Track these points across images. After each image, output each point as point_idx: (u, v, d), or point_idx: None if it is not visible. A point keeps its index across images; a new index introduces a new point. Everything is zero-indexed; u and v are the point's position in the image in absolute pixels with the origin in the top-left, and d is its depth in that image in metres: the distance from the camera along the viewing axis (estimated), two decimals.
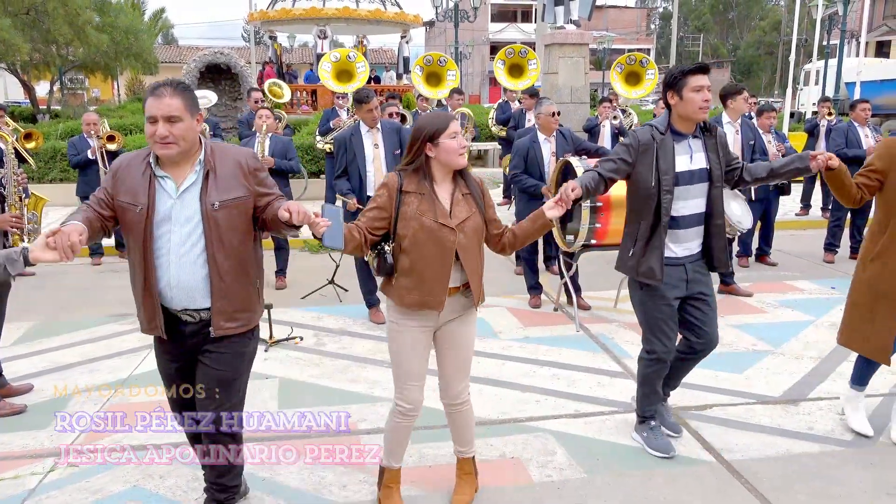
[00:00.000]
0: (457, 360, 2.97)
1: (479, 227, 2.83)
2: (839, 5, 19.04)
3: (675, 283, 3.30)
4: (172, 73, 25.25)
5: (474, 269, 2.82)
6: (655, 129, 3.23)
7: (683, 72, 3.15)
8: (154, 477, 3.30)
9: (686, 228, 3.28)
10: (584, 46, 11.17)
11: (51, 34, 19.14)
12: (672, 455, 3.43)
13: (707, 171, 3.26)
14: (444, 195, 2.81)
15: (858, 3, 21.19)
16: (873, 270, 3.45)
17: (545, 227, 2.90)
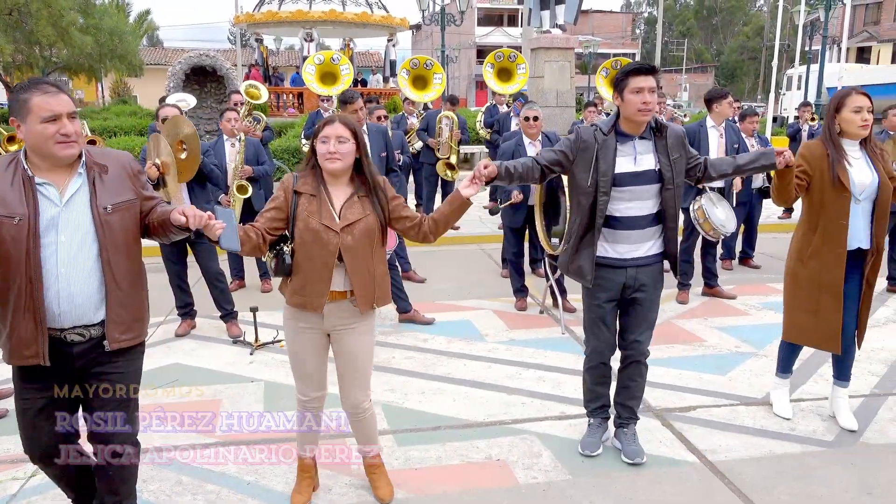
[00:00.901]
0: (349, 369, 2.95)
1: (372, 229, 2.81)
2: (821, 11, 19.26)
3: (609, 285, 3.25)
4: (158, 75, 25.14)
5: (361, 272, 2.81)
6: (599, 129, 3.19)
7: (626, 72, 3.10)
8: (137, 482, 3.26)
9: (630, 230, 3.20)
10: (569, 51, 11.25)
11: (34, 35, 19.01)
12: (590, 454, 3.46)
13: (657, 173, 3.17)
14: (339, 196, 2.81)
15: (840, 9, 21.47)
16: (813, 267, 3.58)
17: (463, 208, 2.87)
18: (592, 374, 3.50)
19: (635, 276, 3.24)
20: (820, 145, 3.56)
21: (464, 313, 5.88)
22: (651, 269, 3.27)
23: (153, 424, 3.85)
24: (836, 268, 3.54)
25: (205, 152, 5.35)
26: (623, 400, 3.52)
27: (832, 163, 3.47)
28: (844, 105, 3.48)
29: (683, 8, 68.22)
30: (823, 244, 3.55)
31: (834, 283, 3.55)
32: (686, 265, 6.27)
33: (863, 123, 3.45)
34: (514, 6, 47.40)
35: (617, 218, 3.18)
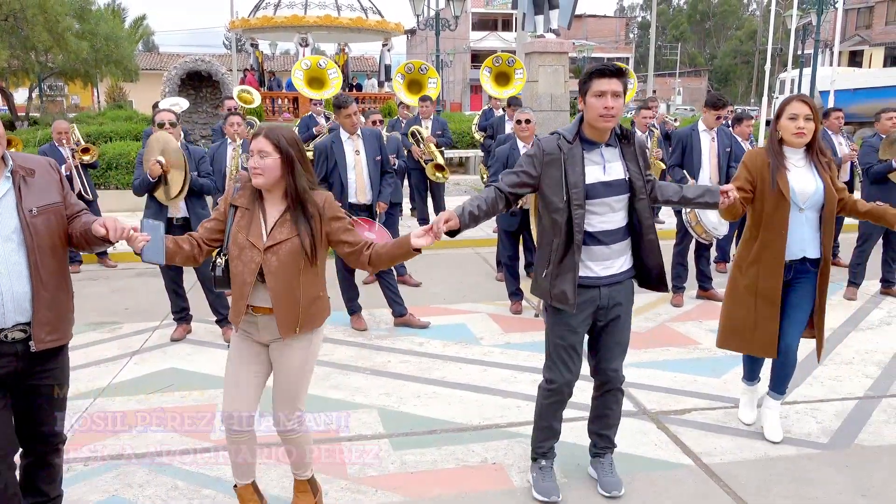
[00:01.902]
0: (280, 388, 2.86)
1: (298, 250, 2.68)
2: (813, 16, 19.37)
3: (585, 307, 2.98)
4: (153, 81, 25.12)
5: (283, 295, 2.68)
6: (563, 137, 2.92)
7: (589, 73, 2.87)
8: (133, 486, 3.27)
9: (608, 245, 2.97)
10: (563, 55, 11.28)
11: (30, 41, 18.97)
12: (555, 500, 3.13)
13: (627, 182, 2.95)
14: (272, 213, 2.74)
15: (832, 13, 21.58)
16: (751, 275, 3.53)
17: (408, 256, 2.72)
18: (554, 409, 3.19)
19: (609, 295, 3.00)
20: (763, 153, 3.51)
21: (459, 317, 5.89)
22: (624, 285, 3.06)
23: (149, 429, 3.85)
24: (772, 276, 3.47)
25: (204, 157, 5.37)
26: (599, 429, 3.29)
27: (772, 170, 3.41)
28: (784, 112, 3.42)
29: (677, 12, 68.53)
30: (762, 252, 3.48)
31: (770, 291, 3.48)
32: (680, 268, 6.30)
33: (797, 131, 3.36)
34: (508, 11, 47.51)
35: (590, 233, 2.93)
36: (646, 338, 5.36)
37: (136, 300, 6.35)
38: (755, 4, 63.54)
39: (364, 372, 4.70)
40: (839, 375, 4.58)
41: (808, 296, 3.55)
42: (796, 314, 3.55)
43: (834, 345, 5.16)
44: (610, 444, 3.31)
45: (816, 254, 3.49)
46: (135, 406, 4.18)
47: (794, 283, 3.53)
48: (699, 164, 6.09)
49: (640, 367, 4.71)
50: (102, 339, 5.38)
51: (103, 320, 5.79)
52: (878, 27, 39.80)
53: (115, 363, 4.88)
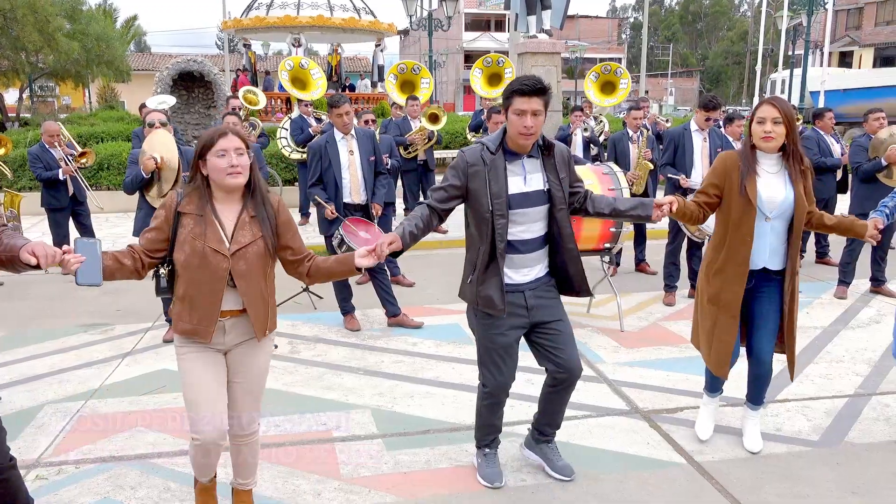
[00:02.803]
0: (244, 390, 2.80)
1: (264, 252, 2.67)
2: (803, 17, 19.48)
3: (513, 310, 3.06)
4: (145, 81, 25.05)
5: (255, 298, 2.66)
6: (486, 148, 2.98)
7: (512, 91, 2.89)
8: (125, 488, 3.26)
9: (526, 254, 3.06)
10: (556, 55, 11.30)
11: (20, 41, 18.87)
12: (496, 486, 3.23)
13: (546, 193, 3.02)
14: (228, 217, 2.65)
15: (822, 14, 21.70)
16: (716, 284, 3.41)
17: (349, 273, 2.78)
18: (493, 410, 3.27)
19: (535, 296, 3.10)
20: (735, 156, 3.39)
21: (452, 317, 5.89)
22: (544, 286, 3.14)
23: (141, 430, 3.84)
24: (734, 286, 3.35)
25: None
26: (549, 420, 3.34)
27: (742, 175, 3.29)
28: (754, 116, 3.32)
29: (669, 13, 68.80)
30: (727, 260, 3.36)
31: (731, 302, 3.37)
32: (672, 268, 6.32)
33: (764, 135, 3.24)
34: (501, 11, 47.56)
35: (510, 243, 3.01)
36: (638, 337, 5.38)
37: (128, 302, 6.32)
38: (746, 5, 63.88)
39: (357, 372, 4.70)
40: (830, 373, 4.60)
41: (775, 306, 3.43)
42: (766, 324, 3.45)
43: (824, 343, 5.20)
44: (557, 428, 3.39)
45: (778, 265, 3.38)
46: (127, 407, 4.16)
47: (757, 293, 3.43)
48: (691, 164, 6.13)
49: (632, 366, 4.73)
50: (94, 341, 5.36)
51: (95, 322, 5.76)
52: (868, 28, 40.06)
53: (108, 364, 4.86)
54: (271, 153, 11.55)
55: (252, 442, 2.89)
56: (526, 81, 2.88)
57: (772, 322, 3.45)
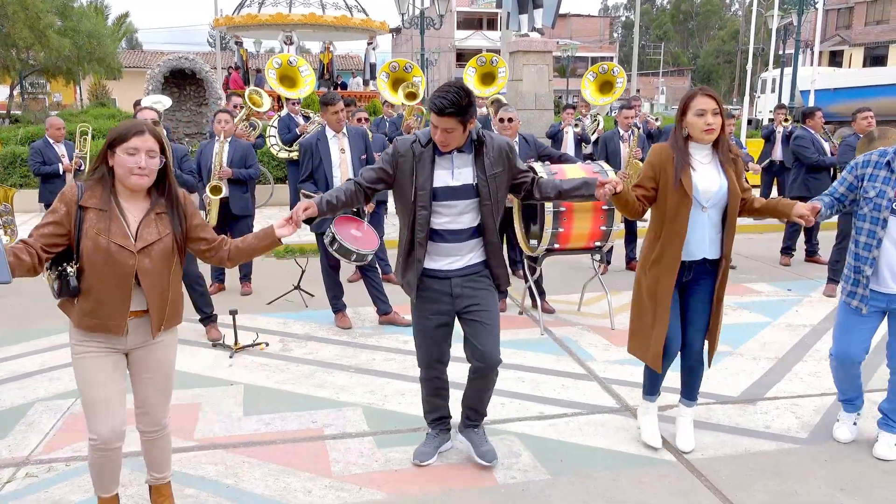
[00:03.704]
0: (153, 386, 2.77)
1: (170, 250, 2.63)
2: (794, 16, 19.58)
3: (436, 296, 3.17)
4: (137, 78, 24.92)
5: (157, 296, 2.61)
6: (418, 140, 3.07)
7: (430, 105, 2.96)
8: None
9: (454, 243, 3.13)
10: (547, 54, 11.33)
11: (10, 38, 18.76)
12: (421, 463, 3.38)
13: (474, 188, 3.08)
14: (134, 213, 2.58)
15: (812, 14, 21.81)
16: (653, 277, 3.40)
17: (272, 246, 2.79)
18: (426, 386, 3.44)
19: (461, 284, 3.16)
20: (667, 149, 3.35)
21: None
22: (476, 276, 3.19)
23: (131, 428, 3.82)
24: (668, 278, 3.34)
25: (186, 155, 5.36)
26: (472, 404, 3.42)
27: (676, 168, 3.27)
28: (689, 108, 3.26)
29: (660, 12, 68.99)
30: (663, 252, 3.35)
31: (665, 294, 3.36)
32: None
33: (706, 127, 3.22)
34: (492, 10, 47.60)
35: (437, 231, 3.11)
36: (627, 334, 5.39)
37: None
38: (737, 5, 64.11)
39: (349, 370, 4.70)
40: (818, 371, 4.64)
41: (707, 300, 3.45)
42: (699, 318, 3.46)
43: (813, 341, 5.23)
44: (479, 416, 3.48)
45: (716, 254, 3.38)
46: None
47: (693, 285, 3.43)
48: None
49: (622, 364, 4.74)
50: None
51: None
52: (858, 28, 40.30)
53: None
54: (263, 151, 11.54)
55: (163, 436, 2.88)
56: (437, 101, 2.90)
57: (705, 315, 3.47)
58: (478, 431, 3.47)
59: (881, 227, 3.36)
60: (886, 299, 3.42)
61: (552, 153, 6.07)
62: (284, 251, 8.16)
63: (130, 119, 2.78)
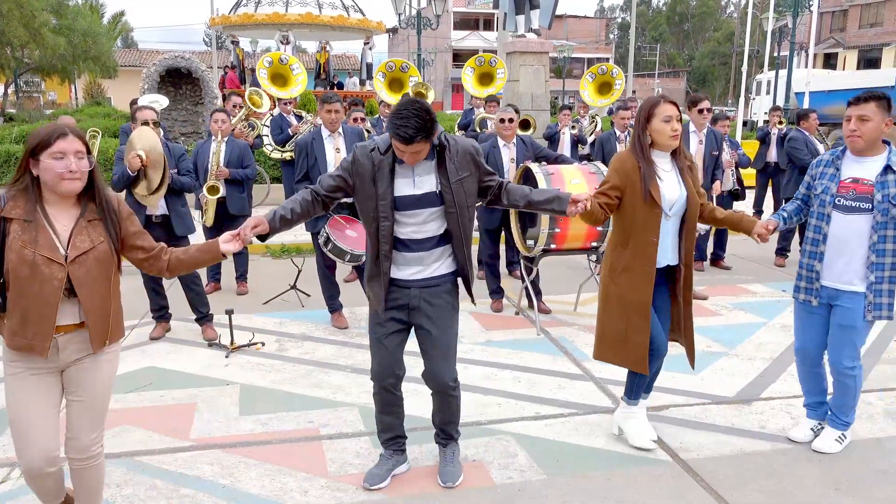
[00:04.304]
0: (85, 408, 2.57)
1: (107, 257, 2.49)
2: (789, 18, 19.64)
3: (398, 305, 3.05)
4: (132, 77, 24.85)
5: (96, 307, 2.47)
6: (377, 148, 2.91)
7: (393, 132, 2.80)
8: (111, 486, 3.24)
9: (418, 252, 3.00)
10: (544, 55, 11.36)
11: (5, 36, 18.71)
12: (371, 487, 3.19)
13: (438, 195, 2.95)
14: (63, 221, 2.44)
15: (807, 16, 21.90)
16: (623, 283, 3.39)
17: (215, 260, 2.67)
18: (378, 401, 3.23)
19: (420, 296, 3.03)
20: (632, 158, 3.33)
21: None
22: (439, 289, 3.06)
23: (127, 428, 3.82)
24: (644, 286, 3.35)
25: (184, 155, 5.35)
26: (438, 423, 3.34)
27: (644, 177, 3.27)
28: (654, 115, 3.26)
29: (656, 14, 69.15)
30: (634, 261, 3.35)
31: (642, 302, 3.36)
32: None
33: (673, 133, 3.24)
34: (489, 11, 47.62)
35: (402, 241, 2.99)
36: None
37: None
38: (732, 7, 64.33)
39: (345, 370, 4.70)
40: None
41: (667, 300, 3.52)
42: (660, 318, 3.50)
43: None
44: (450, 437, 3.35)
45: (675, 261, 3.44)
46: (113, 405, 4.11)
47: (656, 290, 3.44)
48: None
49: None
50: None
51: None
52: (852, 30, 40.44)
53: None
54: (260, 150, 11.54)
55: (95, 466, 2.67)
56: (402, 132, 2.74)
57: (664, 314, 3.53)
58: (445, 451, 3.35)
59: (826, 222, 3.42)
60: (827, 294, 3.48)
61: (549, 154, 6.09)
62: (281, 251, 8.15)
63: (50, 122, 2.64)
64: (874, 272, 3.34)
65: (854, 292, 3.39)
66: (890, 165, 3.30)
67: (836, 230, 3.39)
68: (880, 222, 3.29)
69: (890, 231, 3.30)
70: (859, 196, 3.34)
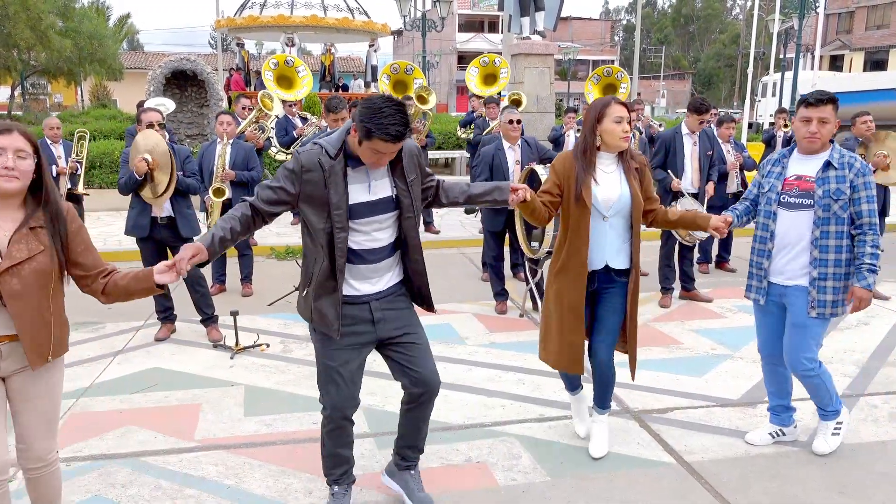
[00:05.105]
0: (34, 417, 2.48)
1: (46, 268, 2.35)
2: (795, 20, 19.61)
3: (356, 325, 2.80)
4: (138, 79, 24.95)
5: (31, 321, 2.34)
6: (325, 151, 2.64)
7: (377, 132, 2.53)
8: (116, 486, 3.26)
9: (373, 263, 2.79)
10: (549, 57, 11.35)
11: (12, 38, 18.79)
12: None
13: (394, 200, 2.77)
14: (4, 227, 2.32)
15: (813, 18, 21.85)
16: (559, 284, 3.37)
17: (149, 292, 2.45)
18: (334, 437, 2.94)
19: (381, 308, 2.84)
20: (571, 156, 3.34)
21: (444, 317, 5.91)
22: (395, 297, 2.90)
23: (132, 429, 3.83)
24: (576, 287, 3.32)
25: (189, 157, 5.37)
26: (409, 441, 3.09)
27: (578, 178, 3.25)
28: (606, 115, 3.22)
29: (661, 16, 69.09)
30: (569, 261, 3.33)
31: (574, 302, 3.33)
32: (667, 270, 6.35)
33: (624, 135, 3.22)
34: (494, 13, 47.64)
35: (355, 252, 2.74)
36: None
37: None
38: (738, 9, 64.24)
39: None
40: None
41: (618, 308, 3.40)
42: (606, 328, 3.41)
43: None
44: (420, 452, 3.16)
45: (622, 264, 3.36)
46: (118, 406, 4.16)
47: (601, 294, 3.40)
48: (682, 167, 6.17)
49: (624, 367, 4.74)
50: (85, 339, 5.35)
51: (86, 320, 5.74)
52: (859, 32, 40.35)
53: (99, 363, 4.85)
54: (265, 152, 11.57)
55: (49, 474, 2.58)
56: (393, 129, 2.49)
57: (612, 325, 3.42)
58: (413, 475, 3.13)
59: (773, 220, 3.42)
60: (776, 291, 3.48)
61: (554, 156, 6.08)
62: (286, 252, 8.17)
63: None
64: (817, 268, 3.33)
65: (799, 287, 3.39)
66: (830, 161, 3.30)
67: (782, 228, 3.40)
68: (822, 217, 3.29)
69: (832, 227, 3.30)
70: (802, 192, 3.34)
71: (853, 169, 3.29)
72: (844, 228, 3.31)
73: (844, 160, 3.31)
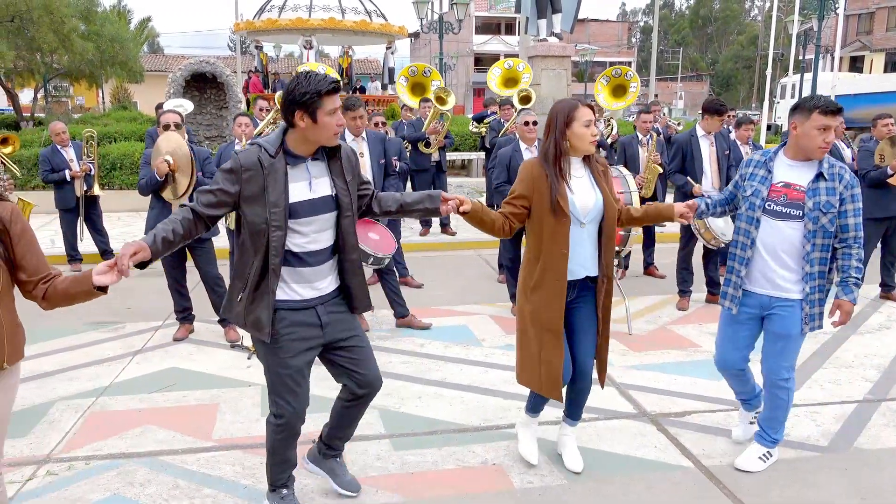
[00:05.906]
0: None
1: None
2: (814, 21, 19.42)
3: (302, 330, 2.76)
4: (158, 82, 25.21)
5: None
6: (264, 150, 2.62)
7: (320, 92, 2.54)
8: (135, 485, 3.29)
9: (317, 266, 2.75)
10: (566, 59, 11.32)
11: (35, 42, 19.01)
12: None
13: (333, 199, 2.74)
14: None
15: (833, 19, 21.63)
16: (535, 301, 3.20)
17: (90, 295, 2.32)
18: (288, 443, 2.92)
19: (327, 311, 2.82)
20: (539, 165, 3.17)
21: (461, 318, 5.91)
22: (335, 300, 2.87)
23: (150, 428, 3.87)
24: (555, 302, 3.15)
25: (209, 158, 5.43)
26: (340, 433, 3.12)
27: (552, 185, 3.09)
28: (575, 118, 3.09)
29: (679, 17, 68.70)
30: (545, 275, 3.15)
31: (553, 319, 3.16)
32: (685, 273, 6.30)
33: (593, 139, 3.12)
34: (511, 15, 47.60)
35: (296, 254, 2.70)
36: (646, 340, 5.37)
37: (139, 300, 6.37)
38: (756, 10, 63.73)
39: None
40: (838, 379, 4.59)
41: (592, 315, 3.29)
42: (585, 337, 3.29)
43: (833, 348, 5.18)
44: (347, 440, 3.22)
45: (596, 271, 3.24)
46: (137, 405, 4.20)
47: (577, 304, 3.26)
48: (701, 171, 6.11)
49: (640, 370, 4.72)
50: (105, 339, 5.40)
51: (106, 320, 5.81)
52: (879, 33, 39.85)
53: (118, 362, 4.90)
54: None
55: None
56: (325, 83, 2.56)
57: (591, 334, 3.31)
58: (340, 461, 3.21)
59: (755, 226, 3.32)
60: (758, 302, 3.36)
61: None
62: None
63: None
64: (808, 283, 3.23)
65: (788, 299, 3.28)
66: (822, 173, 3.20)
67: (765, 236, 3.28)
68: (811, 230, 3.19)
69: (819, 240, 3.20)
70: (790, 202, 3.22)
71: (843, 181, 3.19)
72: (829, 242, 3.23)
73: (834, 171, 3.21)
